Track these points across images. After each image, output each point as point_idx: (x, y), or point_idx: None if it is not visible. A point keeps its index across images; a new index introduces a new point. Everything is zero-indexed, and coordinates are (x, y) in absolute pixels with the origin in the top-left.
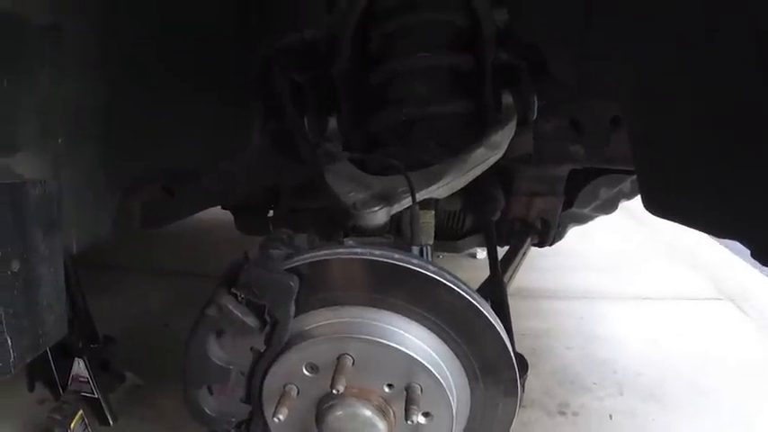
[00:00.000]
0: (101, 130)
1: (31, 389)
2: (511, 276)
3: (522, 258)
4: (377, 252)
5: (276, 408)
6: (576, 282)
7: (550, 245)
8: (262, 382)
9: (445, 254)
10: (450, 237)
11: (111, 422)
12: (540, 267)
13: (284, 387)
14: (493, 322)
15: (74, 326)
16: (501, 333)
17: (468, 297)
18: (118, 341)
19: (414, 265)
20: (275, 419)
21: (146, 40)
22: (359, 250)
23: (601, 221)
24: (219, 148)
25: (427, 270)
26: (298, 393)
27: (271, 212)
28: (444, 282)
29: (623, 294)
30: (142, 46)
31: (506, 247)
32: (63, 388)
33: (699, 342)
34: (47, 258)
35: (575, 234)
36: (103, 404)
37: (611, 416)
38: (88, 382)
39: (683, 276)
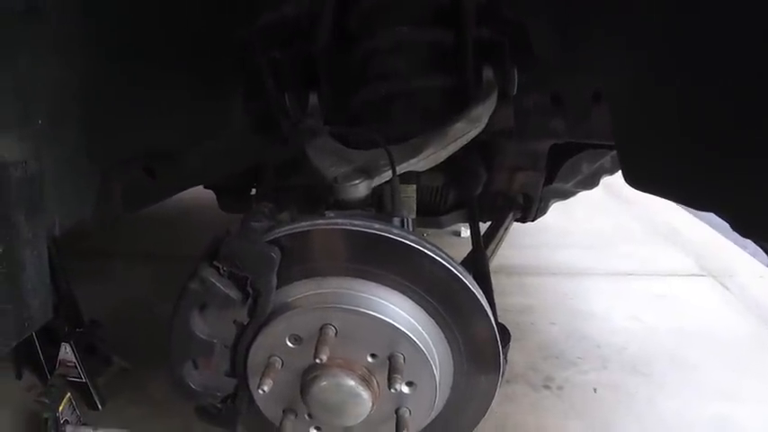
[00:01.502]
0: (81, 111)
1: (19, 376)
2: (493, 251)
3: (504, 233)
4: (357, 222)
5: (260, 379)
6: (559, 259)
7: (533, 220)
8: (246, 355)
9: (429, 231)
10: (434, 213)
11: (99, 406)
12: (524, 245)
13: (268, 359)
14: (474, 291)
15: (59, 311)
16: (482, 302)
17: (448, 266)
18: (104, 325)
19: (394, 234)
20: (260, 391)
21: (125, 21)
22: (339, 221)
23: (583, 199)
24: (200, 129)
25: (407, 239)
26: (282, 365)
27: (254, 191)
28: (424, 251)
29: (606, 271)
30: (121, 27)
31: (489, 224)
32: (50, 373)
33: (681, 317)
34: (30, 241)
35: (558, 212)
36: (91, 388)
37: (595, 389)
38: (75, 366)
39: (666, 253)
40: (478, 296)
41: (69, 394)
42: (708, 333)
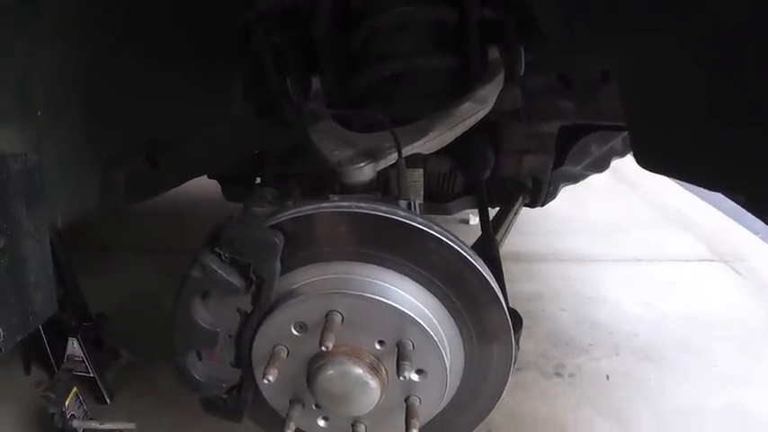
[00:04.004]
0: (80, 100)
1: (27, 372)
2: (503, 235)
3: (514, 218)
4: (362, 205)
5: (265, 369)
6: (568, 245)
7: (542, 205)
8: (251, 344)
9: (437, 219)
10: (441, 199)
11: (107, 400)
12: (533, 232)
13: (273, 348)
14: (485, 275)
15: (65, 305)
16: (494, 286)
17: (458, 249)
18: (111, 319)
19: (400, 216)
20: (265, 381)
21: (124, 9)
22: (344, 204)
23: (591, 185)
24: (201, 116)
25: (414, 221)
26: (288, 354)
27: (258, 179)
28: (432, 233)
29: (616, 257)
30: (121, 15)
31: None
32: (58, 368)
33: (693, 303)
34: (32, 234)
35: (565, 198)
36: (99, 382)
37: (607, 376)
38: (83, 361)
39: (677, 239)
40: (489, 280)
41: (76, 388)
42: (719, 318)
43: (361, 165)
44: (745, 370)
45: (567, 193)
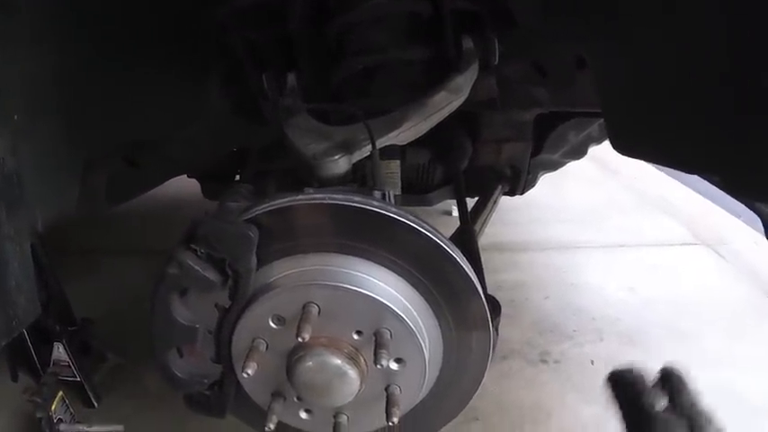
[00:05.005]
0: (58, 104)
1: (14, 378)
2: (483, 224)
3: (493, 207)
4: (336, 196)
5: (244, 363)
6: (551, 233)
7: (521, 193)
8: (230, 339)
9: (418, 210)
10: (421, 190)
11: (95, 403)
12: (515, 221)
13: (252, 342)
14: (460, 263)
15: (50, 309)
16: (469, 273)
17: (432, 237)
18: (96, 322)
19: (374, 206)
20: (244, 375)
21: (100, 10)
22: (318, 195)
23: (571, 172)
24: (180, 116)
25: (388, 211)
26: (267, 347)
27: (237, 177)
28: (407, 222)
29: (599, 243)
30: (97, 17)
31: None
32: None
33: (676, 287)
34: (12, 237)
35: (547, 186)
36: (86, 386)
37: (592, 362)
38: (69, 365)
39: (658, 223)
40: (465, 268)
41: (61, 392)
42: (703, 301)
43: (336, 157)
44: (730, 351)
45: (549, 182)
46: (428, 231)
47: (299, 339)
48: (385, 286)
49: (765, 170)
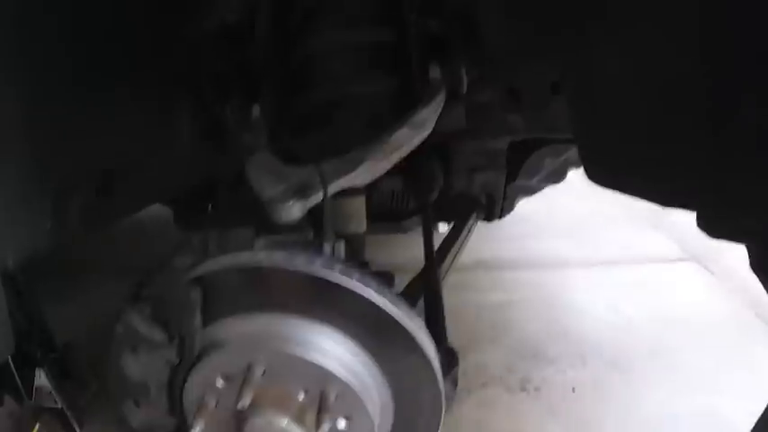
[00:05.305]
0: (24, 137)
1: (0, 403)
2: (456, 254)
3: (467, 235)
4: (277, 257)
5: (194, 420)
6: (537, 250)
7: (500, 218)
8: (181, 395)
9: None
10: (395, 218)
11: (77, 430)
12: (501, 237)
13: (202, 398)
14: (405, 323)
15: (32, 337)
16: (414, 334)
17: (375, 299)
18: (78, 346)
19: (314, 272)
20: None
21: (64, 37)
22: (259, 256)
23: (563, 186)
24: (149, 145)
25: (328, 276)
26: (216, 404)
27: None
28: (347, 287)
29: (586, 260)
30: (61, 44)
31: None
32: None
33: (664, 305)
34: None
35: (538, 201)
36: (68, 413)
37: (573, 389)
38: (51, 392)
39: (647, 238)
40: (411, 329)
41: (38, 424)
42: (691, 321)
43: (290, 203)
44: (718, 376)
45: (537, 195)
46: (371, 293)
47: (238, 407)
48: (332, 345)
49: (744, 211)
